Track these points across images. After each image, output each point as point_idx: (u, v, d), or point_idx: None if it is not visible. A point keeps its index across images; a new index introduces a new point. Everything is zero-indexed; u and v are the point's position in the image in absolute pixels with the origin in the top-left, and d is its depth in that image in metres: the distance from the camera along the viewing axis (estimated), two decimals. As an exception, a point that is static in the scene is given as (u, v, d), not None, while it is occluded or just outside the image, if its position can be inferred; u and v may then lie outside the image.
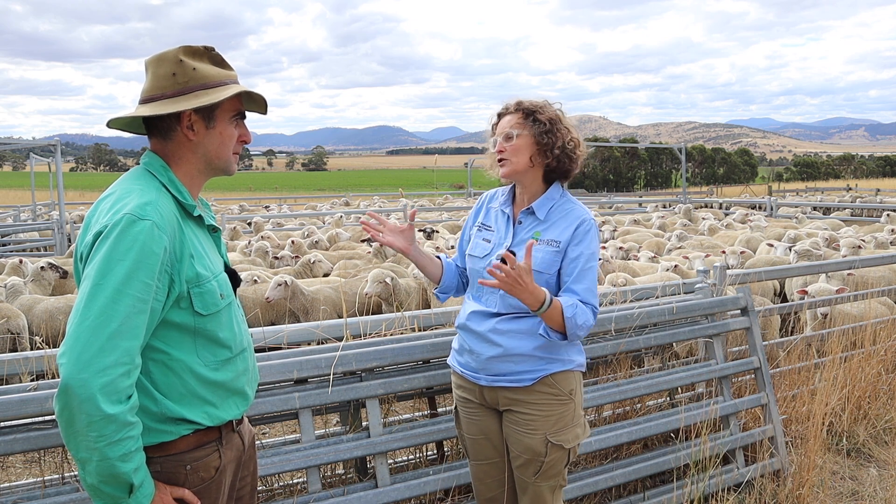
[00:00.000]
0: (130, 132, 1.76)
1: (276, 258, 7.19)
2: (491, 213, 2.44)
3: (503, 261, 2.02)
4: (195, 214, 1.66)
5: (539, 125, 2.25)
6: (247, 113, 1.77)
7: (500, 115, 2.35)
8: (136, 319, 1.44)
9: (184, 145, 1.65)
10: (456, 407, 2.51)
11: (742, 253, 7.33)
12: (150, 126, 1.66)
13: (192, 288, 1.57)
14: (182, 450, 1.60)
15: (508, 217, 2.37)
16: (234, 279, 1.77)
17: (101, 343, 1.39)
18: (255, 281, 6.65)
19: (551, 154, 2.26)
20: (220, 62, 1.68)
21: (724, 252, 7.75)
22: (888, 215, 9.89)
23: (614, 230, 11.24)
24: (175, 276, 1.55)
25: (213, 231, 1.76)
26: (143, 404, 1.53)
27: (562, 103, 2.35)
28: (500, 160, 2.29)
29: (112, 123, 1.71)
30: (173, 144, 1.65)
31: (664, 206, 18.35)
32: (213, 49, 1.68)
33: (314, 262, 8.32)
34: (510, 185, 2.43)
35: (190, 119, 1.62)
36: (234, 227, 11.91)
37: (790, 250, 8.19)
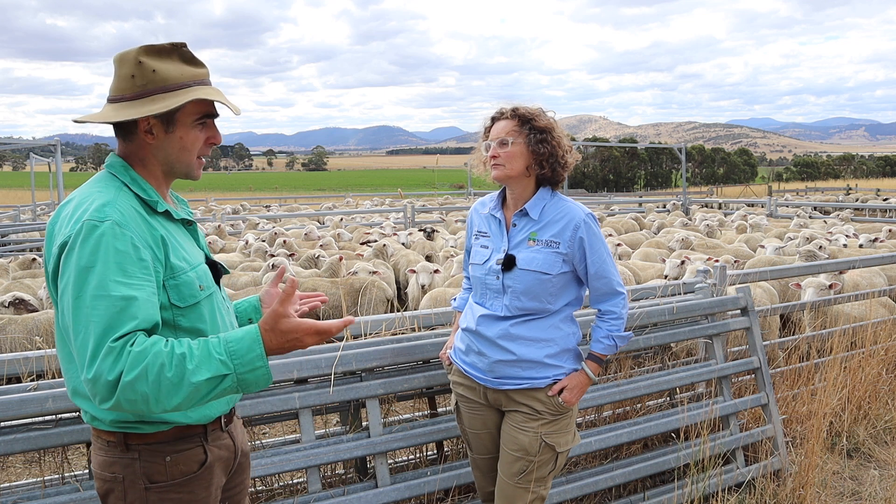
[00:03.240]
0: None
1: (273, 266, 7.19)
2: (484, 220, 2.45)
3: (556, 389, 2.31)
4: (160, 210, 1.62)
5: (534, 134, 2.26)
6: (245, 112, 1.74)
7: (494, 119, 2.35)
8: (121, 315, 1.41)
9: (144, 148, 1.62)
10: (457, 403, 2.52)
11: (736, 262, 7.35)
12: (115, 126, 1.63)
13: (167, 280, 1.56)
14: (161, 440, 1.59)
15: (500, 221, 2.37)
16: (216, 271, 1.75)
17: (92, 352, 1.38)
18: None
19: (547, 164, 2.27)
20: (190, 59, 1.63)
21: (716, 261, 7.75)
22: (890, 230, 9.90)
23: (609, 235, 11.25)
24: (158, 267, 1.53)
25: (188, 224, 1.74)
26: None
27: (555, 112, 2.35)
28: (493, 164, 2.30)
29: (79, 121, 1.67)
30: (134, 146, 1.63)
31: (663, 206, 18.36)
32: (183, 46, 1.62)
33: (318, 257, 8.50)
34: (498, 191, 2.45)
35: (149, 123, 1.59)
36: (219, 226, 11.89)
37: (781, 251, 8.20)
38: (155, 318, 1.48)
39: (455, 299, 2.68)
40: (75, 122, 1.67)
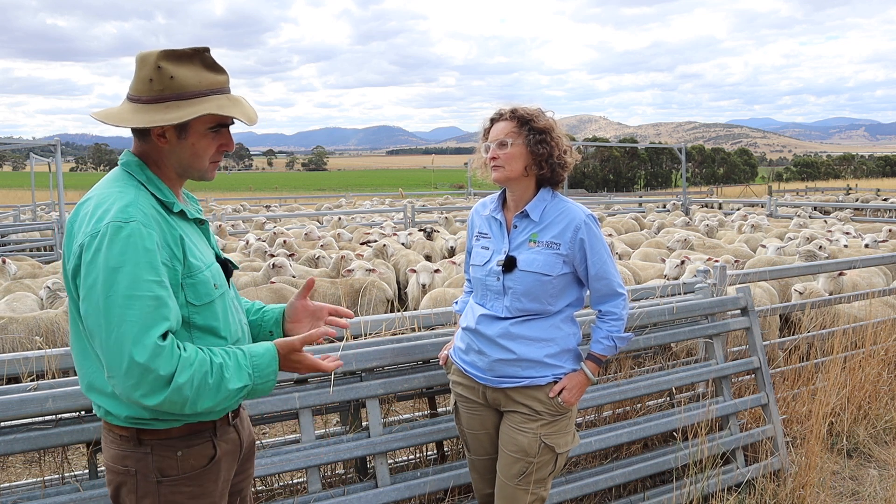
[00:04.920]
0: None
1: (274, 266, 7.17)
2: (485, 221, 2.44)
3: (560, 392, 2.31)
4: (176, 210, 1.65)
5: (533, 135, 2.25)
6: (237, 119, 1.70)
7: (493, 121, 2.34)
8: (155, 314, 1.47)
9: (158, 150, 1.64)
10: (455, 403, 2.52)
11: (736, 262, 7.34)
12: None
13: (184, 279, 1.59)
14: (173, 436, 1.62)
15: (501, 223, 2.37)
16: (227, 269, 1.78)
17: (129, 352, 1.44)
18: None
19: (546, 164, 2.27)
20: (212, 66, 1.63)
21: (716, 261, 7.75)
22: (890, 230, 9.88)
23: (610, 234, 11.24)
24: (177, 266, 1.57)
25: (200, 224, 1.76)
26: None
27: (553, 111, 2.35)
28: (493, 166, 2.29)
29: (97, 115, 1.68)
30: (149, 147, 1.65)
31: (663, 206, 18.36)
32: (205, 51, 1.62)
33: (318, 257, 8.55)
34: (499, 192, 2.44)
35: (162, 128, 1.60)
36: (220, 226, 11.87)
37: (782, 251, 8.20)
38: (179, 316, 1.55)
39: (457, 302, 2.68)
40: (92, 115, 1.66)
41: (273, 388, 1.65)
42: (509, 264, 2.27)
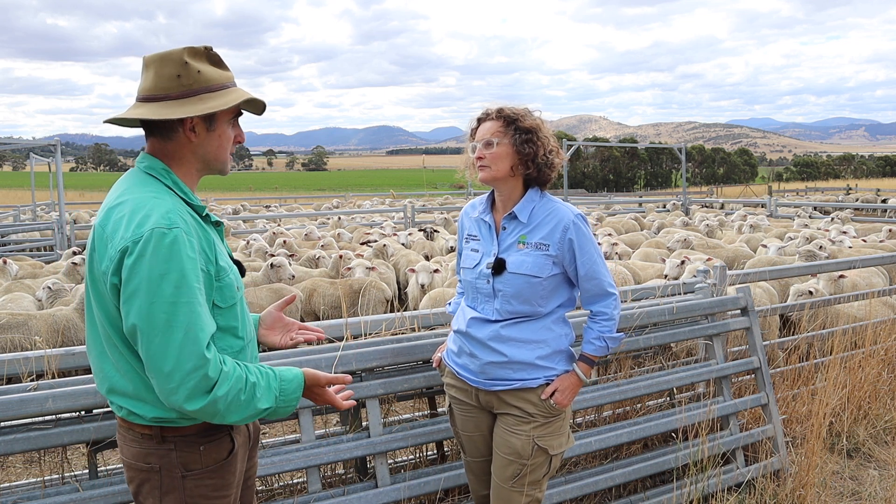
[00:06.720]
0: (126, 126, 1.79)
1: (273, 266, 7.12)
2: (474, 223, 2.43)
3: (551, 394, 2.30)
4: (203, 214, 1.70)
5: (519, 134, 2.23)
6: (245, 111, 1.82)
7: (479, 121, 2.33)
8: (197, 322, 1.51)
9: (184, 146, 1.69)
10: (450, 405, 2.52)
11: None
12: (150, 126, 1.68)
13: (215, 282, 1.64)
14: (195, 432, 1.67)
15: (490, 225, 2.35)
16: (241, 270, 1.83)
17: (174, 359, 1.48)
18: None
19: (532, 164, 2.25)
20: (218, 62, 1.71)
21: (710, 260, 7.74)
22: (890, 230, 9.85)
23: (610, 234, 11.22)
24: (210, 270, 1.61)
25: (217, 225, 1.81)
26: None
27: (541, 111, 2.33)
28: (479, 166, 2.27)
29: (111, 120, 1.73)
30: (174, 145, 1.68)
31: (663, 206, 18.36)
32: (211, 49, 1.70)
33: (318, 257, 8.57)
34: (487, 193, 2.43)
35: (192, 122, 1.65)
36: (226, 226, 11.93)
37: (782, 251, 8.19)
38: (213, 322, 1.60)
39: (450, 304, 2.67)
40: (106, 122, 1.72)
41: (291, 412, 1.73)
42: (498, 267, 2.25)
